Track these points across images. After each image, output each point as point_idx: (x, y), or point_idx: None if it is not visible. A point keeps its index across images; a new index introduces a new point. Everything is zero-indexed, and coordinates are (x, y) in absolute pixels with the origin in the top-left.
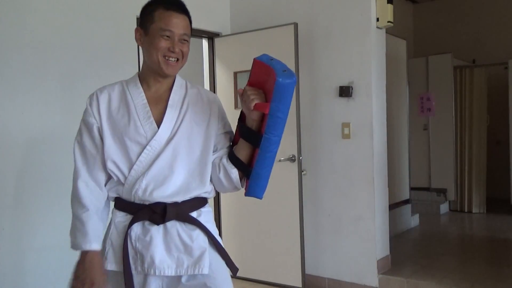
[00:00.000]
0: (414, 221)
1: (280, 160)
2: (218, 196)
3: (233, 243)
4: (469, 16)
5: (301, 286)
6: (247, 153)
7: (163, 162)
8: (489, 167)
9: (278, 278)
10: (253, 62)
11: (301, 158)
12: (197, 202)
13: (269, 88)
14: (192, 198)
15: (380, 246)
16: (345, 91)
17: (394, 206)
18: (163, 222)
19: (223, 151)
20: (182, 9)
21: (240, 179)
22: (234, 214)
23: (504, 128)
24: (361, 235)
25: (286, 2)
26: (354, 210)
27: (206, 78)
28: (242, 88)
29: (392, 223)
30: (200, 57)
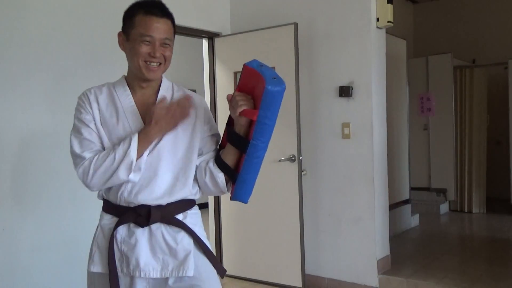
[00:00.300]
0: (414, 221)
1: (280, 160)
2: (218, 196)
3: (233, 243)
4: (469, 16)
5: (301, 286)
6: (234, 158)
7: (148, 164)
8: (489, 167)
9: (278, 278)
10: (242, 68)
11: (301, 158)
12: (182, 204)
13: (258, 94)
14: (177, 200)
15: (380, 246)
16: (345, 91)
17: (394, 206)
18: (148, 225)
19: (209, 155)
20: (163, 12)
21: (226, 183)
22: (234, 214)
23: (504, 128)
24: (361, 235)
25: (286, 2)
26: (354, 210)
27: (206, 78)
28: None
29: (392, 223)
30: (200, 57)
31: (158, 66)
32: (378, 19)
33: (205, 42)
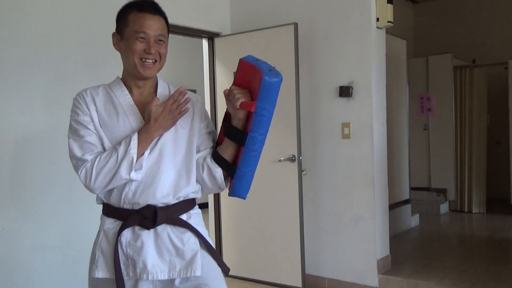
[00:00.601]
0: (414, 221)
1: (280, 160)
2: (218, 196)
3: (233, 243)
4: (469, 16)
5: (301, 286)
6: (232, 152)
7: (151, 164)
8: (489, 167)
9: (278, 278)
10: (239, 63)
11: (301, 158)
12: (186, 205)
13: (255, 87)
14: (181, 200)
15: (380, 246)
16: (345, 91)
17: (394, 206)
18: (154, 227)
19: (207, 151)
20: (156, 10)
21: (224, 179)
22: (234, 214)
23: (504, 128)
24: (361, 235)
25: (286, 2)
26: (354, 210)
27: (206, 78)
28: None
29: (392, 223)
30: (200, 57)
31: (153, 63)
32: (378, 19)
33: (205, 42)
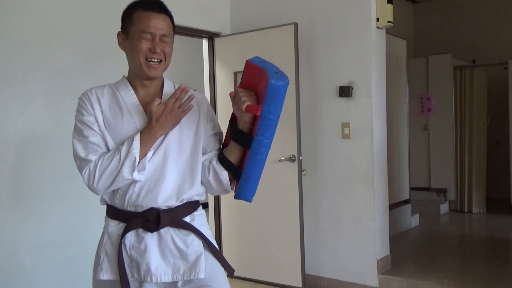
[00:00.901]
0: (414, 221)
1: (280, 160)
2: (218, 196)
3: (233, 243)
4: (469, 16)
5: (301, 286)
6: (238, 155)
7: (155, 166)
8: (489, 167)
9: (278, 278)
10: (245, 64)
11: (301, 158)
12: (189, 207)
13: (261, 90)
14: (184, 203)
15: (380, 246)
16: (345, 91)
17: (394, 206)
18: (157, 230)
19: (213, 153)
20: (161, 8)
21: (230, 182)
22: (234, 214)
23: (504, 128)
24: (361, 235)
25: (286, 2)
26: (354, 210)
27: (206, 78)
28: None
29: (392, 223)
30: (200, 57)
31: (158, 63)
32: (378, 19)
33: (205, 42)
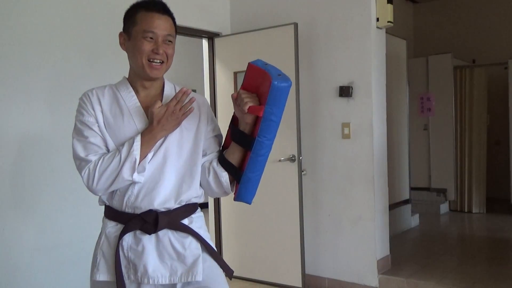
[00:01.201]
0: (414, 221)
1: (280, 160)
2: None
3: (233, 243)
4: (469, 16)
5: (301, 286)
6: (239, 156)
7: (154, 167)
8: (489, 167)
9: (278, 278)
10: (247, 66)
11: (301, 158)
12: (188, 209)
13: (263, 91)
14: (183, 205)
15: (380, 246)
16: (345, 91)
17: (394, 206)
18: (155, 232)
19: (213, 155)
20: (164, 9)
21: (230, 184)
22: (234, 214)
23: (504, 128)
24: (361, 235)
25: (286, 2)
26: (354, 210)
27: (206, 78)
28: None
29: (392, 223)
30: (200, 57)
31: (160, 64)
32: (378, 19)
33: (205, 42)
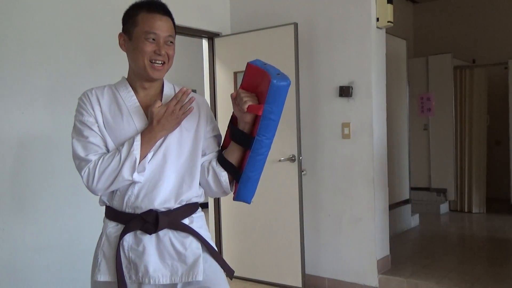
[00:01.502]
0: (414, 221)
1: (280, 160)
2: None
3: (233, 243)
4: (469, 16)
5: (301, 286)
6: (238, 156)
7: (154, 167)
8: (489, 167)
9: (278, 278)
10: (246, 66)
11: (301, 158)
12: (188, 209)
13: (262, 91)
14: (183, 205)
15: (380, 246)
16: (345, 91)
17: (394, 206)
18: (156, 232)
19: (212, 155)
20: (165, 11)
21: (229, 183)
22: (234, 214)
23: (504, 128)
24: (361, 235)
25: (286, 2)
26: (354, 210)
27: (206, 78)
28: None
29: (392, 223)
30: (200, 57)
31: (162, 65)
32: (378, 19)
33: (205, 42)
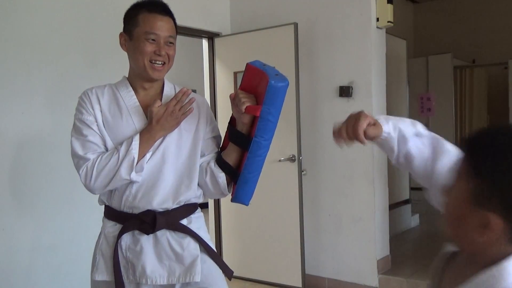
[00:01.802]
0: (414, 221)
1: (280, 160)
2: None
3: (233, 243)
4: (469, 16)
5: (301, 286)
6: (236, 157)
7: (152, 167)
8: None
9: (278, 278)
10: (245, 67)
11: (301, 158)
12: (187, 209)
13: (261, 92)
14: (181, 205)
15: (380, 246)
16: (345, 91)
17: (394, 206)
18: (153, 232)
19: (211, 156)
20: (166, 11)
21: (227, 185)
22: (234, 214)
23: None
24: (361, 235)
25: (286, 2)
26: (354, 210)
27: (206, 78)
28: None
29: (392, 223)
30: (200, 57)
31: (162, 65)
32: (378, 19)
33: (205, 42)
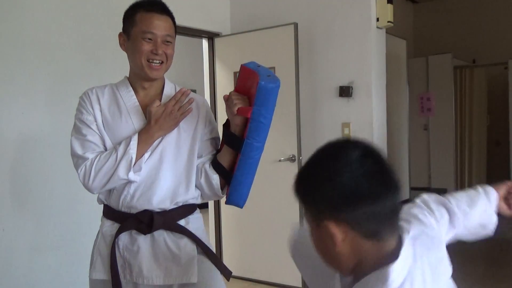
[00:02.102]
0: None
1: (280, 160)
2: None
3: (233, 243)
4: (469, 16)
5: (301, 286)
6: (230, 159)
7: (150, 167)
8: (489, 167)
9: (278, 278)
10: (240, 68)
11: (301, 158)
12: (184, 210)
13: (253, 93)
14: (179, 206)
15: None
16: (345, 91)
17: None
18: (150, 232)
19: (207, 157)
20: (163, 10)
21: (222, 187)
22: (234, 214)
23: (504, 128)
24: None
25: (286, 2)
26: None
27: (206, 78)
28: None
29: None
30: (200, 57)
31: (160, 64)
32: (378, 19)
33: (205, 42)
